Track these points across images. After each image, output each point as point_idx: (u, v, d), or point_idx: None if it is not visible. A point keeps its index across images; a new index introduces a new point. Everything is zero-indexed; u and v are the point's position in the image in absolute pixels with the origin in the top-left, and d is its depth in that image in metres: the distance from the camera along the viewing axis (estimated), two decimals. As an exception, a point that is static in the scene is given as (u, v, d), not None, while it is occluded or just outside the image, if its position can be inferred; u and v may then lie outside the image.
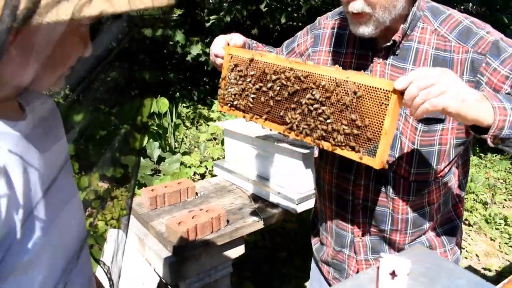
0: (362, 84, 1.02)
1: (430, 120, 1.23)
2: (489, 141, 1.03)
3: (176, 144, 4.61)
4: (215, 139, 4.72)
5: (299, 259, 3.24)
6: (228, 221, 1.97)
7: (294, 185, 2.12)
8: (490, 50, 1.16)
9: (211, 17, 5.64)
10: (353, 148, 1.06)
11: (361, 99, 1.02)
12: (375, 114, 1.01)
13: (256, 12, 6.53)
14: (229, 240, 1.92)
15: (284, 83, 1.17)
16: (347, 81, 1.05)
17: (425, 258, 0.77)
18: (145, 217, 2.04)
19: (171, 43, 6.36)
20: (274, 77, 1.19)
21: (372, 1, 1.16)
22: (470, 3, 6.26)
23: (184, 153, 4.40)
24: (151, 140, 4.01)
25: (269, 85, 1.20)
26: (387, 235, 1.35)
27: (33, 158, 0.72)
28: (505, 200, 4.33)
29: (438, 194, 1.32)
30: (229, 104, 1.32)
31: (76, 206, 0.88)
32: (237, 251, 1.99)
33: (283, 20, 5.97)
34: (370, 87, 1.01)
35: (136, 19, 0.70)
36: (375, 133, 1.01)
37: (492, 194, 4.36)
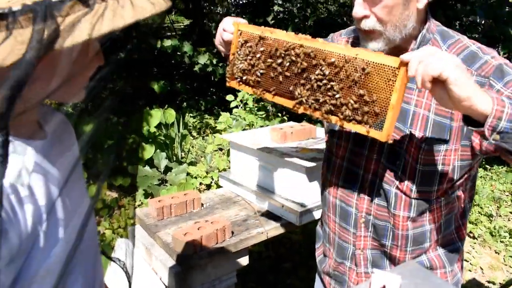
0: (371, 61, 1.07)
1: (434, 140, 1.26)
2: (487, 134, 1.01)
3: (183, 154, 4.68)
4: (221, 149, 4.78)
5: (303, 270, 3.27)
6: (232, 233, 2.02)
7: (297, 198, 2.17)
8: (493, 73, 1.19)
9: None
10: (360, 122, 1.10)
11: (369, 75, 1.07)
12: (382, 89, 1.06)
13: (263, 24, 6.62)
14: (234, 251, 1.96)
15: (294, 59, 1.20)
16: (356, 58, 1.09)
17: (416, 274, 0.81)
18: (152, 227, 2.09)
19: (178, 53, 6.46)
20: (284, 53, 1.22)
21: (384, 20, 1.21)
22: (477, 16, 6.31)
23: (190, 163, 4.46)
24: (158, 150, 4.07)
25: (279, 61, 1.23)
26: (388, 250, 1.38)
27: (53, 173, 0.78)
28: (510, 213, 4.33)
29: (439, 214, 1.34)
30: (238, 79, 1.35)
31: (89, 213, 0.94)
32: (241, 262, 2.04)
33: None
34: (378, 64, 1.06)
35: (141, 27, 0.75)
36: (382, 107, 1.06)
37: (497, 206, 4.37)
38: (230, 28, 1.36)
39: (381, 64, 1.06)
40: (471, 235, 3.97)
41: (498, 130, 0.99)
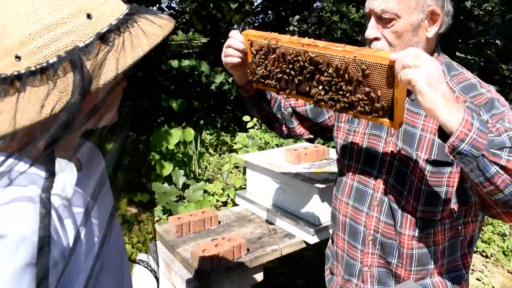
0: (368, 62, 1.14)
1: (439, 162, 1.33)
2: (447, 150, 1.06)
3: (200, 170, 4.81)
4: (237, 167, 4.90)
5: (316, 287, 3.34)
6: (248, 250, 2.12)
7: (310, 217, 2.27)
8: (485, 104, 1.27)
9: None
10: (373, 114, 1.19)
11: (370, 75, 1.15)
12: (384, 86, 1.14)
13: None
14: (249, 267, 2.06)
15: (302, 64, 1.28)
16: (355, 60, 1.16)
17: None
18: (171, 243, 2.21)
19: (196, 72, 6.65)
20: (292, 59, 1.30)
21: (393, 43, 1.31)
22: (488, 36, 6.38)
23: (207, 180, 4.58)
24: (176, 167, 4.21)
25: (290, 66, 1.31)
26: (393, 269, 1.46)
27: (87, 194, 0.90)
28: (524, 232, 4.34)
29: (443, 236, 1.41)
30: (261, 83, 1.43)
31: (120, 234, 1.05)
32: (256, 278, 2.14)
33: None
34: (374, 63, 1.13)
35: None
36: (388, 102, 1.15)
37: (510, 225, 4.38)
38: (239, 37, 1.41)
39: (377, 64, 1.13)
40: (484, 254, 3.99)
41: (458, 151, 1.04)
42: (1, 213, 0.69)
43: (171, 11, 8.62)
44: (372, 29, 1.33)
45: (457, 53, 6.42)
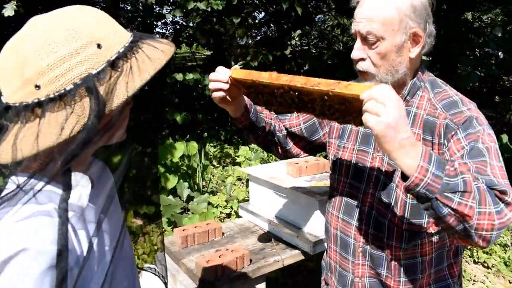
0: (344, 97, 1.17)
1: None
2: (403, 189, 1.14)
3: (204, 183, 4.89)
4: (240, 179, 4.97)
5: (318, 297, 3.39)
6: (251, 260, 2.19)
7: (311, 228, 2.34)
8: (463, 123, 1.32)
9: (239, 63, 6.01)
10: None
11: (351, 104, 1.18)
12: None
13: (281, 58, 6.88)
14: (252, 277, 2.13)
15: (291, 97, 1.32)
16: (332, 94, 1.18)
17: None
18: (177, 254, 2.28)
19: (200, 86, 6.75)
20: (280, 94, 1.34)
21: (377, 64, 1.37)
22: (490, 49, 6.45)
23: (211, 192, 4.66)
24: (181, 180, 4.29)
25: (282, 98, 1.35)
26: (383, 280, 1.51)
27: (98, 206, 0.98)
28: (525, 243, 4.38)
29: (430, 248, 1.46)
30: (268, 109, 1.52)
31: (128, 243, 1.13)
32: (259, 288, 2.21)
33: (306, 67, 6.27)
34: (350, 97, 1.15)
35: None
36: None
37: (512, 237, 4.42)
38: (224, 71, 1.41)
39: (352, 97, 1.15)
40: (486, 264, 4.03)
41: (412, 192, 1.13)
42: (21, 228, 0.77)
43: (176, 25, 8.75)
44: (358, 51, 1.39)
45: (458, 65, 6.50)
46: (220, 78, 1.40)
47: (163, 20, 8.24)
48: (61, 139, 0.77)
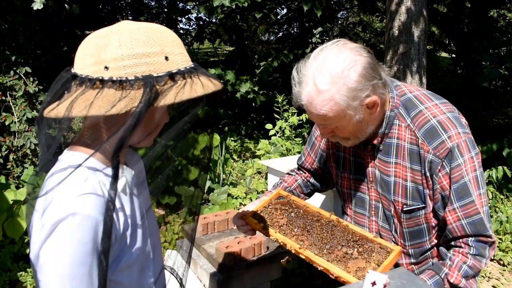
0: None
1: (412, 210, 1.47)
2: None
3: (224, 175, 5.02)
4: (259, 173, 5.09)
5: (333, 288, 3.49)
6: (268, 248, 2.31)
7: (326, 219, 2.44)
8: (447, 156, 1.38)
9: (261, 64, 6.10)
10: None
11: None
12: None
13: (302, 56, 6.93)
14: (268, 264, 2.25)
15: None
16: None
17: (403, 276, 1.06)
18: (198, 240, 2.41)
19: (222, 81, 6.89)
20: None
21: (345, 136, 1.44)
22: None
23: (231, 184, 4.79)
24: (202, 172, 4.44)
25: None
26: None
27: (135, 192, 1.12)
28: (542, 242, 4.38)
29: (436, 253, 1.56)
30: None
31: (154, 219, 1.26)
32: (274, 274, 2.32)
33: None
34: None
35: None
36: None
37: (529, 235, 4.42)
38: (239, 222, 1.64)
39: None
40: (501, 262, 4.06)
41: None
42: (72, 196, 0.92)
43: (199, 21, 8.91)
44: (326, 134, 1.47)
45: (483, 63, 6.47)
46: (244, 230, 1.64)
47: (187, 16, 8.40)
48: (109, 113, 0.89)
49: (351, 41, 1.40)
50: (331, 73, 1.31)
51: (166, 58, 0.96)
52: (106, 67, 0.93)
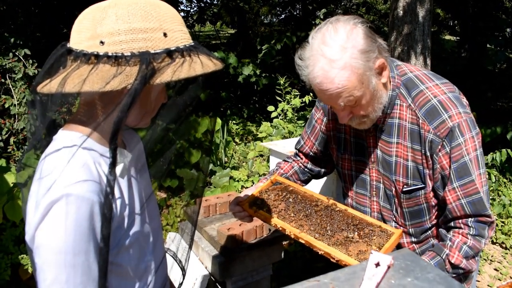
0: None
1: (411, 191, 1.47)
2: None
3: (226, 158, 5.00)
4: (261, 155, 5.07)
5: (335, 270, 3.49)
6: (269, 230, 2.29)
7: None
8: (447, 135, 1.37)
9: (263, 47, 6.03)
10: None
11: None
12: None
13: (305, 38, 6.86)
14: (270, 246, 2.24)
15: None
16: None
17: (407, 257, 1.04)
18: (199, 223, 2.40)
19: (224, 64, 6.83)
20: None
21: (364, 115, 1.40)
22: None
23: (233, 167, 4.77)
24: (203, 155, 4.41)
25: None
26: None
27: (132, 175, 1.09)
28: (545, 225, 4.36)
29: (436, 232, 1.56)
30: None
31: (155, 205, 1.24)
32: (276, 256, 2.31)
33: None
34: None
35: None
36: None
37: (532, 219, 4.40)
38: (235, 208, 1.61)
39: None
40: (504, 245, 4.06)
41: None
42: (70, 183, 0.89)
43: (200, 3, 8.79)
44: (345, 117, 1.42)
45: (487, 45, 6.38)
46: (241, 217, 1.61)
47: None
48: (103, 89, 0.86)
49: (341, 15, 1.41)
50: (337, 42, 1.30)
51: (165, 34, 0.93)
52: (101, 42, 0.90)
